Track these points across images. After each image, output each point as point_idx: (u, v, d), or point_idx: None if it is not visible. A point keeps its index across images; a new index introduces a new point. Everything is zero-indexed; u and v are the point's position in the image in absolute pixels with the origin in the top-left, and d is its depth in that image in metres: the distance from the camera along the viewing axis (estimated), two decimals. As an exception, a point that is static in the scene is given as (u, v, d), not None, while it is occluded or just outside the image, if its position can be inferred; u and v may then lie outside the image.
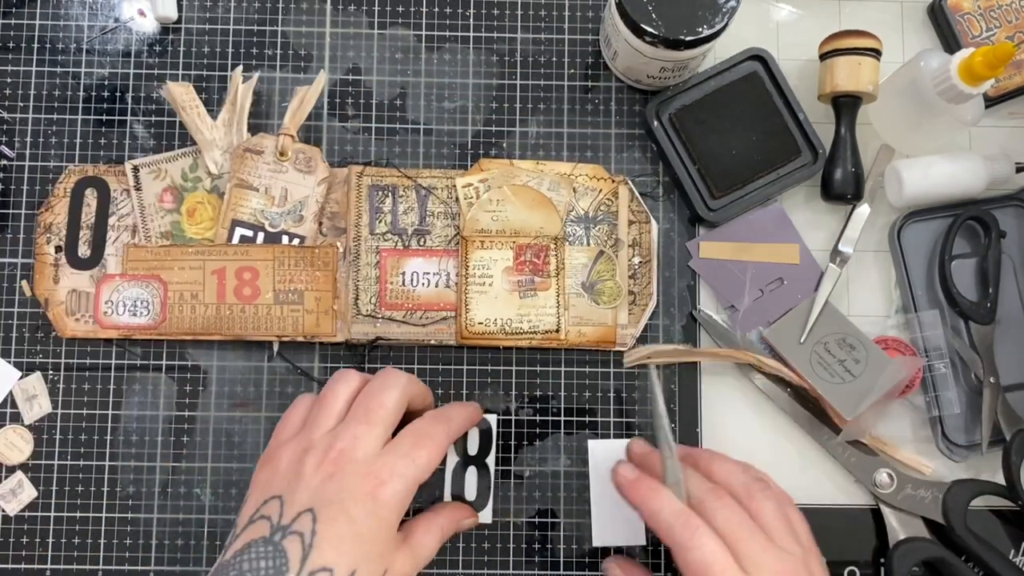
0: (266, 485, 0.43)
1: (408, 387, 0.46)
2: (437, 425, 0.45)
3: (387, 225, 0.54)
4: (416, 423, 0.45)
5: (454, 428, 0.47)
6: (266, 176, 0.54)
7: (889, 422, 0.54)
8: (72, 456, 0.53)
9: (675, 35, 0.48)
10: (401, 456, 0.43)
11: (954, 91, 0.49)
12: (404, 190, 0.54)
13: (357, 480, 0.42)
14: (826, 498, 0.54)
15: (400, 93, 0.56)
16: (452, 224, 0.54)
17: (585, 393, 0.54)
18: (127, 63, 0.55)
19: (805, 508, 0.53)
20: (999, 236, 0.54)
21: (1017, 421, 0.53)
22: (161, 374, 0.54)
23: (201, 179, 0.54)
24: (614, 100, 0.56)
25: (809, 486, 0.54)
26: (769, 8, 0.58)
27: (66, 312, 0.53)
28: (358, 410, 0.44)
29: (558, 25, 0.57)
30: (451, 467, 0.52)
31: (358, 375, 0.46)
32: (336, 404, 0.45)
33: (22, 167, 0.54)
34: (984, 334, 0.53)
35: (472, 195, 0.54)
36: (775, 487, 0.46)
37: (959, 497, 0.52)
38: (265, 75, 0.56)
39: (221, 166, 0.54)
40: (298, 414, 0.46)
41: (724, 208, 0.54)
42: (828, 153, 0.54)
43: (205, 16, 0.56)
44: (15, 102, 0.55)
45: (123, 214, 0.54)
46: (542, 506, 0.53)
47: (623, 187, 0.55)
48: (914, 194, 0.53)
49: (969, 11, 0.56)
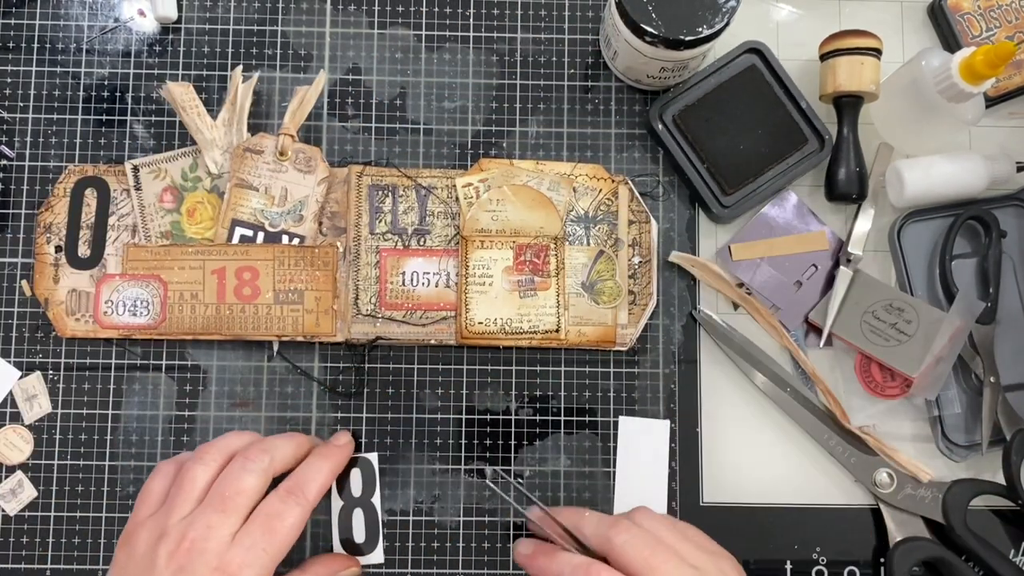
0: (123, 570, 0.44)
1: (270, 468, 0.46)
2: (288, 501, 0.45)
3: (387, 225, 0.54)
4: (266, 502, 0.45)
5: (314, 490, 0.47)
6: (266, 176, 0.54)
7: (889, 422, 0.54)
8: (72, 456, 0.53)
9: (675, 35, 0.48)
10: (251, 547, 0.43)
11: (955, 90, 0.49)
12: (404, 190, 0.54)
13: (207, 574, 0.42)
14: (826, 498, 0.54)
15: (400, 93, 0.56)
16: (452, 224, 0.54)
17: (585, 393, 0.54)
18: (127, 63, 0.55)
19: (805, 508, 0.54)
20: (999, 236, 0.54)
21: (1017, 421, 0.53)
22: (161, 374, 0.54)
23: (201, 179, 0.54)
24: (614, 100, 0.56)
25: (809, 486, 0.54)
26: (769, 8, 0.58)
27: (66, 312, 0.53)
28: (214, 497, 0.44)
29: (558, 25, 0.57)
30: (336, 510, 0.52)
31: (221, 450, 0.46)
32: (195, 489, 0.45)
33: (22, 167, 0.54)
34: (984, 334, 0.53)
35: (472, 195, 0.54)
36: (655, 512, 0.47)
37: (959, 497, 0.52)
38: (265, 75, 0.56)
39: (221, 166, 0.54)
40: (159, 487, 0.46)
41: (738, 204, 0.54)
42: (831, 152, 0.54)
43: (205, 16, 0.56)
44: (15, 102, 0.55)
45: (123, 214, 0.54)
46: (542, 506, 0.53)
47: (623, 187, 0.55)
48: (915, 194, 0.53)
49: (969, 11, 0.56)
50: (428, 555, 0.53)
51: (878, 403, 0.54)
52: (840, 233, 0.55)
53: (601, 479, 0.54)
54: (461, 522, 0.53)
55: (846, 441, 0.54)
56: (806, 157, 0.54)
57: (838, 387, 0.54)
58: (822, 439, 0.54)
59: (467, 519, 0.53)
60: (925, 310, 0.53)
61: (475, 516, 0.53)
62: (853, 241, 0.55)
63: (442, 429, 0.54)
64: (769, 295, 0.55)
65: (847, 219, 0.56)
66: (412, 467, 0.53)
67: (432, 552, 0.53)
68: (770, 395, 0.54)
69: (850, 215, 0.56)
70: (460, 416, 0.54)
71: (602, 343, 0.54)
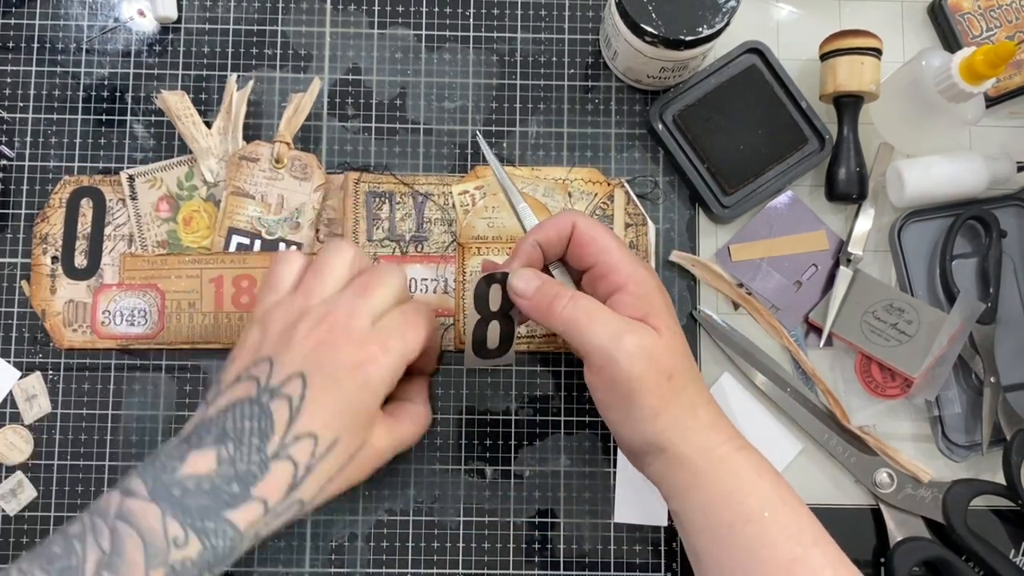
0: (256, 346, 0.43)
1: (404, 283, 0.45)
2: (421, 309, 0.45)
3: (384, 231, 0.54)
4: (403, 307, 0.44)
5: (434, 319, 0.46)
6: (262, 183, 0.53)
7: (889, 422, 0.54)
8: (72, 456, 0.53)
9: (675, 35, 0.48)
10: (393, 332, 0.43)
11: (955, 90, 0.49)
12: (401, 196, 0.54)
13: (350, 350, 0.41)
14: (826, 498, 0.54)
15: (400, 93, 0.56)
16: (449, 230, 0.54)
17: (585, 393, 0.54)
18: (127, 63, 0.55)
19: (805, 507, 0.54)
20: (1000, 236, 0.54)
21: (1017, 421, 0.53)
22: (161, 374, 0.54)
23: (197, 187, 0.54)
24: (614, 100, 0.56)
25: (809, 486, 0.54)
26: (769, 8, 0.58)
27: (63, 323, 0.53)
28: (358, 285, 0.44)
29: (558, 25, 0.57)
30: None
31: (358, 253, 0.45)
32: (334, 274, 0.44)
33: (22, 167, 0.54)
34: (984, 334, 0.53)
35: (468, 202, 0.54)
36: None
37: (959, 497, 0.52)
38: (265, 75, 0.56)
39: (217, 174, 0.54)
40: (287, 276, 0.45)
41: (738, 204, 0.54)
42: (832, 153, 0.54)
43: (205, 16, 0.56)
44: (15, 102, 0.55)
45: (119, 223, 0.54)
46: (542, 506, 0.53)
47: (619, 190, 0.55)
48: (915, 194, 0.53)
49: (969, 11, 0.56)
50: (428, 555, 0.53)
51: (878, 403, 0.54)
52: (840, 233, 0.55)
53: (601, 479, 0.54)
54: (461, 522, 0.53)
55: (846, 441, 0.54)
56: (806, 157, 0.54)
57: (838, 387, 0.54)
58: (822, 439, 0.54)
59: (467, 519, 0.53)
60: (925, 310, 0.53)
61: (475, 516, 0.53)
62: (853, 241, 0.55)
63: (442, 429, 0.54)
64: (769, 295, 0.55)
65: (847, 219, 0.56)
66: (412, 467, 0.53)
67: (432, 552, 0.53)
68: (770, 395, 0.54)
69: (850, 215, 0.56)
70: (460, 416, 0.54)
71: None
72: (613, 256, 0.44)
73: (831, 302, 0.54)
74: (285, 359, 0.41)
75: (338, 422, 0.41)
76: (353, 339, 0.42)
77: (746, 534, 0.41)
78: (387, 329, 0.43)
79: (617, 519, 0.53)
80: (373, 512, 0.53)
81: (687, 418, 0.43)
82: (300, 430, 0.40)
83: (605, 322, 0.42)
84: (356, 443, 0.42)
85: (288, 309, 0.43)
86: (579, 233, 0.45)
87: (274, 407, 0.40)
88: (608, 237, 0.45)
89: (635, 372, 0.42)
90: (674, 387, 0.43)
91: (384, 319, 0.43)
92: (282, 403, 0.40)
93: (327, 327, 0.42)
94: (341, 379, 0.41)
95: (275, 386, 0.41)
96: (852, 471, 0.54)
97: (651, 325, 0.43)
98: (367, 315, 0.42)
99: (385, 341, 0.42)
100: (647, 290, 0.44)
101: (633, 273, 0.44)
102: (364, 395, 0.42)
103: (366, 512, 0.53)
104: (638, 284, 0.44)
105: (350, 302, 0.43)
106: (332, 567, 0.52)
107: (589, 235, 0.45)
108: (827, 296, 0.54)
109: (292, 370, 0.41)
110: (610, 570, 0.53)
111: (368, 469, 0.44)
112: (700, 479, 0.42)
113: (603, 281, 0.45)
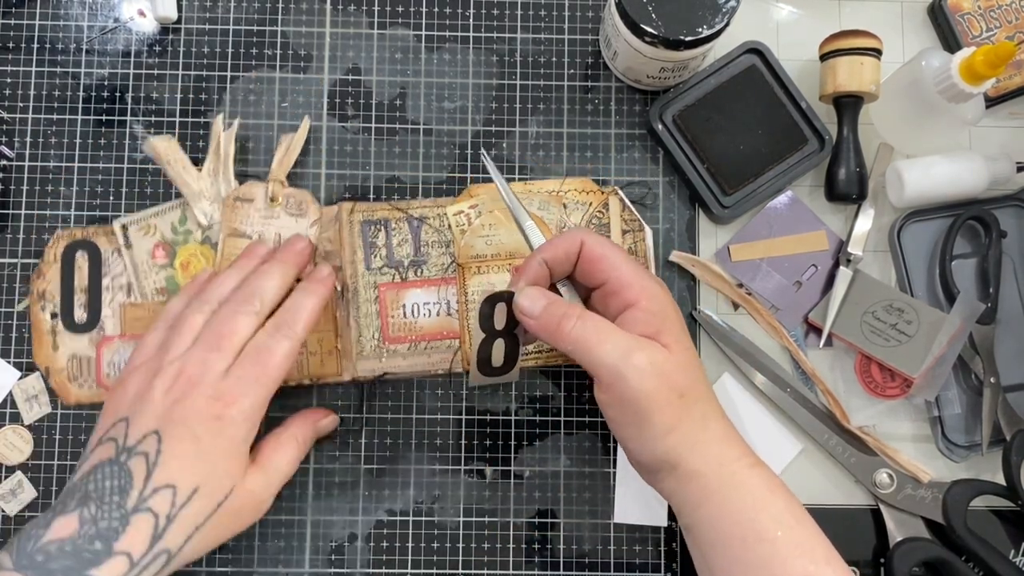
0: (115, 408, 0.44)
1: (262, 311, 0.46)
2: (277, 335, 0.45)
3: (383, 259, 0.54)
4: (256, 339, 0.45)
5: (301, 323, 0.46)
6: (258, 223, 0.53)
7: (889, 422, 0.54)
8: (72, 456, 0.53)
9: (675, 35, 0.48)
10: (244, 378, 0.44)
11: (955, 90, 0.49)
12: (396, 223, 0.54)
13: (203, 403, 0.43)
14: (826, 498, 0.54)
15: (400, 93, 0.56)
16: (447, 252, 0.54)
17: (585, 393, 0.54)
18: (127, 63, 0.55)
19: (805, 508, 0.54)
20: (1000, 236, 0.54)
21: (1017, 421, 0.53)
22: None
23: (191, 231, 0.53)
24: (614, 100, 0.56)
25: (809, 486, 0.54)
26: (769, 8, 0.58)
27: (68, 379, 0.52)
28: (208, 336, 0.45)
29: (558, 25, 0.57)
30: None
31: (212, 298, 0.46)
32: (191, 331, 0.45)
33: (22, 167, 0.54)
34: (984, 334, 0.53)
35: (464, 222, 0.53)
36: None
37: (959, 497, 0.52)
38: (265, 75, 0.56)
39: (210, 217, 0.53)
40: (153, 339, 0.47)
41: (738, 204, 0.54)
42: (831, 153, 0.54)
43: (205, 16, 0.56)
44: (15, 102, 0.55)
45: (116, 274, 0.53)
46: (542, 506, 0.53)
47: (613, 198, 0.55)
48: (915, 194, 0.53)
49: (969, 11, 0.56)
50: (428, 555, 0.53)
51: (878, 403, 0.54)
52: (840, 233, 0.55)
53: (601, 479, 0.54)
54: (461, 522, 0.53)
55: (846, 441, 0.54)
56: (806, 157, 0.54)
57: (838, 387, 0.54)
58: (822, 439, 0.54)
59: (467, 519, 0.53)
60: (925, 310, 0.53)
61: (475, 516, 0.53)
62: (853, 241, 0.55)
63: (442, 429, 0.54)
64: (769, 295, 0.55)
65: (847, 219, 0.56)
66: (412, 467, 0.53)
67: (432, 552, 0.53)
68: (770, 395, 0.54)
69: (850, 215, 0.56)
70: (460, 416, 0.54)
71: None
72: (624, 272, 0.44)
73: (831, 302, 0.54)
74: (140, 419, 0.43)
75: (198, 470, 0.42)
76: (206, 392, 0.43)
77: (759, 551, 0.41)
78: (240, 373, 0.44)
79: (617, 519, 0.53)
80: (373, 512, 0.53)
81: (699, 434, 0.43)
82: (158, 482, 0.41)
83: (615, 340, 0.42)
84: (222, 488, 0.43)
85: (146, 369, 0.45)
86: (588, 250, 0.45)
87: (132, 465, 0.41)
88: (618, 253, 0.45)
89: (645, 390, 0.42)
90: (685, 404, 0.43)
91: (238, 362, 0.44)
92: (140, 460, 0.42)
93: (181, 384, 0.43)
94: (197, 431, 0.42)
95: (131, 445, 0.42)
96: (852, 471, 0.54)
97: (662, 342, 0.43)
98: (220, 365, 0.44)
99: (237, 387, 0.43)
100: (660, 305, 0.44)
101: (646, 289, 0.44)
102: (222, 441, 0.43)
103: (366, 512, 0.53)
104: (651, 300, 0.44)
105: (201, 356, 0.44)
106: (332, 567, 0.53)
107: (599, 252, 0.45)
108: (827, 296, 0.54)
109: (148, 428, 0.42)
110: (610, 570, 0.53)
111: (249, 511, 0.45)
112: (713, 495, 0.42)
113: (615, 298, 0.45)
